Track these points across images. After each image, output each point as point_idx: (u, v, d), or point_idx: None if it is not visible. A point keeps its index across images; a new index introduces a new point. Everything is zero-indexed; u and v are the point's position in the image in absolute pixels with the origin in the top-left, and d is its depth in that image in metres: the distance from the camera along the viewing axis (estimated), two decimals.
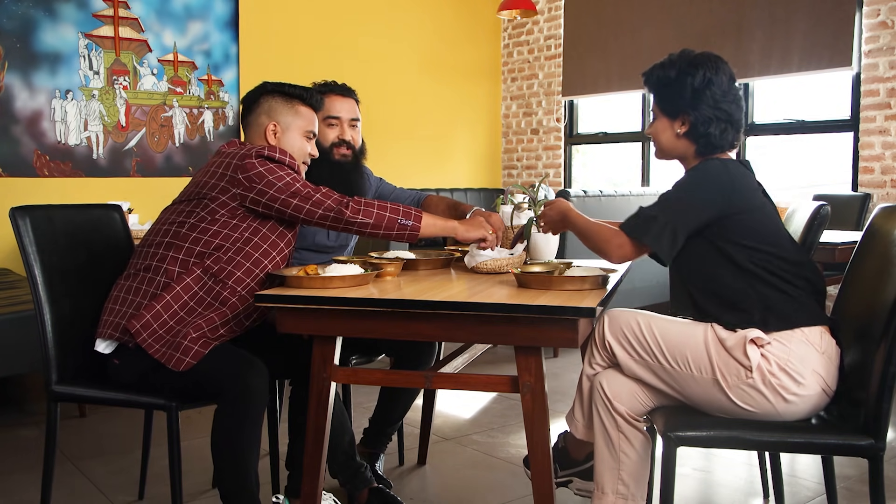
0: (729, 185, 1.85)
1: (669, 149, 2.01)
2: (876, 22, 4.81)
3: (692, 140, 1.96)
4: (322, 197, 2.04)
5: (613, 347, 1.94)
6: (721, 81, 1.93)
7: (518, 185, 3.33)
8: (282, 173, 2.05)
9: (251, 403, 1.91)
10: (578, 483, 2.20)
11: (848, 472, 2.67)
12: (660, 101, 2.00)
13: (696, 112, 1.92)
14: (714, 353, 1.81)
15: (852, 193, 4.85)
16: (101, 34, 4.78)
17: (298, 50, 5.66)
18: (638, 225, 1.86)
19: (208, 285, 2.01)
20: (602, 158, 6.77)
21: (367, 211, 2.04)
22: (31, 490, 2.53)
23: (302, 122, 2.22)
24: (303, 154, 2.23)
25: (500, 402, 3.58)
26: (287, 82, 2.25)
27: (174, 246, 2.04)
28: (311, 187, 2.06)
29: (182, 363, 1.92)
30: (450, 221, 2.18)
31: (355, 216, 2.03)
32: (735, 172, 1.88)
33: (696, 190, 1.87)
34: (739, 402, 1.79)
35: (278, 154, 2.10)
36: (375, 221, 2.05)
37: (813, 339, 1.80)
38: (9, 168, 4.48)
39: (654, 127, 2.02)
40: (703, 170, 1.90)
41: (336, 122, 2.51)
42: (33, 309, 2.15)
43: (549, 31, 6.67)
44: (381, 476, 2.56)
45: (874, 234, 1.91)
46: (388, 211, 2.06)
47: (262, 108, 2.21)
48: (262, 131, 2.20)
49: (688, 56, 1.96)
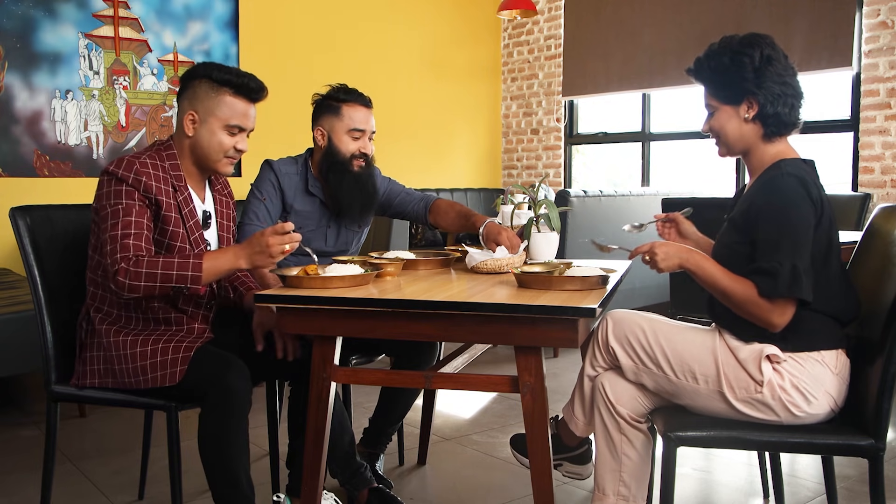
0: (808, 195, 1.75)
1: (737, 139, 1.88)
2: (876, 22, 4.81)
3: (761, 123, 1.84)
4: (114, 248, 1.87)
5: (616, 352, 1.93)
6: (779, 56, 1.85)
7: (518, 185, 3.33)
8: (114, 201, 1.90)
9: (234, 404, 1.88)
10: (568, 466, 2.21)
11: (848, 472, 2.67)
12: (718, 90, 1.87)
13: (763, 91, 1.82)
14: (722, 362, 1.80)
15: (852, 193, 4.85)
16: (101, 34, 4.78)
17: (298, 50, 5.66)
18: (787, 283, 1.71)
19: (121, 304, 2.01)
20: (602, 158, 6.76)
21: (132, 286, 1.85)
22: (31, 490, 2.53)
23: (224, 112, 2.00)
24: (220, 150, 2.03)
25: (500, 402, 3.58)
26: (226, 66, 2.04)
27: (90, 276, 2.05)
28: (119, 230, 1.88)
29: (175, 375, 1.92)
30: (234, 262, 1.91)
31: (120, 291, 1.86)
32: (805, 180, 1.77)
33: (796, 220, 1.73)
34: (744, 411, 1.79)
35: (122, 170, 1.92)
36: (145, 293, 1.87)
37: (829, 361, 1.78)
38: (9, 168, 4.48)
39: (717, 120, 1.89)
40: (784, 193, 1.76)
41: (360, 136, 2.53)
42: (33, 309, 2.15)
43: (549, 31, 6.67)
44: (381, 476, 2.56)
45: (874, 234, 1.91)
46: (158, 280, 1.86)
47: (188, 94, 2.02)
48: (182, 120, 2.02)
49: (735, 39, 1.87)
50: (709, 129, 1.93)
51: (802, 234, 1.73)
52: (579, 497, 2.53)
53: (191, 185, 2.08)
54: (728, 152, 1.93)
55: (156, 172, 1.97)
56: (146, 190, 1.94)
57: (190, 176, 2.08)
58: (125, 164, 1.93)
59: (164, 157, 2.02)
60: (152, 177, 1.96)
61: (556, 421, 2.21)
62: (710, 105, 1.91)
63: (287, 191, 2.53)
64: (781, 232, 1.73)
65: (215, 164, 2.06)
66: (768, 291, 1.72)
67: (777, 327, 1.75)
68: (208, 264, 1.89)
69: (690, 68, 1.94)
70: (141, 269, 1.85)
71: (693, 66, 1.93)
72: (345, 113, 2.51)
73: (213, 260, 1.90)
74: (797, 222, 1.73)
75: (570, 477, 2.23)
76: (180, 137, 2.06)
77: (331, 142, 2.52)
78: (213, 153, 2.04)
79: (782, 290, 1.71)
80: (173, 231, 1.99)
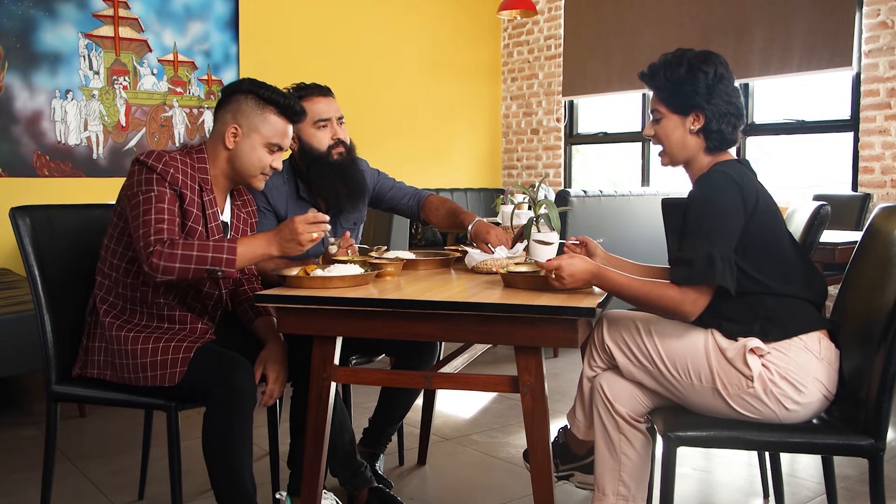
0: (737, 188, 1.80)
1: (680, 148, 1.93)
2: (876, 22, 4.81)
3: (704, 136, 1.90)
4: (147, 231, 1.88)
5: (613, 351, 1.93)
6: (730, 77, 1.91)
7: (518, 185, 3.33)
8: (145, 188, 1.93)
9: (239, 404, 1.88)
10: (580, 477, 2.20)
11: (848, 472, 2.67)
12: (669, 99, 1.92)
13: (712, 106, 1.88)
14: (714, 361, 1.81)
15: (852, 193, 4.85)
16: (101, 34, 4.78)
17: (298, 50, 5.66)
18: (700, 271, 1.74)
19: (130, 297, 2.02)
20: (602, 158, 6.77)
21: (167, 267, 1.85)
22: (31, 490, 2.53)
23: (267, 131, 2.05)
24: (259, 166, 2.07)
25: (500, 402, 3.58)
26: (271, 85, 2.09)
27: (105, 265, 2.05)
28: (152, 215, 1.90)
29: (175, 376, 1.92)
30: (266, 248, 1.94)
31: (154, 272, 1.85)
32: (735, 175, 1.84)
33: (720, 208, 1.79)
34: (740, 410, 1.79)
35: (152, 160, 1.95)
36: (179, 276, 1.87)
37: (812, 347, 1.79)
38: (9, 168, 4.48)
39: (663, 127, 1.94)
40: (709, 187, 1.83)
41: (326, 124, 2.47)
42: (33, 309, 2.15)
43: (549, 31, 6.67)
44: (381, 476, 2.56)
45: (874, 234, 1.91)
46: (193, 262, 1.87)
47: (231, 107, 2.07)
48: (222, 131, 2.06)
49: (691, 53, 1.92)
50: (653, 135, 1.98)
51: (727, 222, 1.77)
52: (579, 497, 2.53)
53: (215, 191, 2.11)
54: (671, 161, 1.98)
55: (184, 168, 2.01)
56: (173, 181, 1.97)
57: (216, 184, 2.10)
58: (155, 155, 1.97)
59: (195, 160, 2.06)
60: (180, 171, 1.99)
61: (564, 430, 2.21)
62: (656, 111, 1.96)
63: (278, 204, 2.48)
64: (703, 221, 1.79)
65: (251, 178, 2.10)
66: (680, 280, 1.77)
67: (690, 315, 1.77)
68: (242, 249, 1.92)
69: (644, 73, 1.99)
70: (176, 251, 1.87)
71: (647, 71, 1.98)
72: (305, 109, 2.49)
73: (246, 245, 1.93)
74: (720, 210, 1.78)
75: (582, 488, 2.21)
76: (216, 147, 2.08)
77: (301, 142, 2.48)
78: (252, 168, 2.08)
79: (694, 278, 1.75)
80: (191, 227, 2.01)
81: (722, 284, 1.74)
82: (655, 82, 1.95)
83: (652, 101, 1.99)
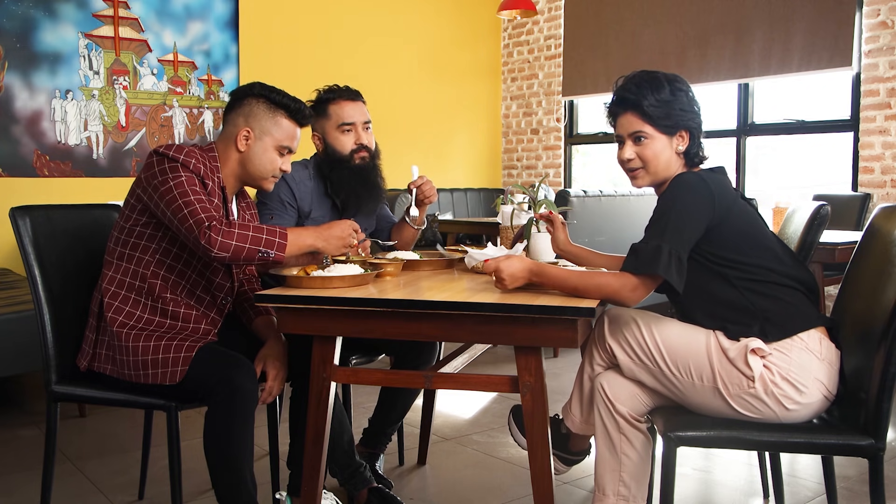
0: (708, 191, 1.82)
1: (665, 168, 1.93)
2: (876, 22, 4.81)
3: (684, 156, 1.95)
4: (194, 210, 1.90)
5: (614, 349, 1.93)
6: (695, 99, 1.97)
7: (518, 185, 3.33)
8: (172, 175, 1.94)
9: (241, 404, 1.89)
10: (556, 463, 2.20)
11: (848, 472, 2.67)
12: (660, 119, 1.90)
13: (694, 124, 1.93)
14: (716, 361, 1.81)
15: (852, 193, 4.85)
16: (101, 34, 4.78)
17: (298, 50, 5.66)
18: (643, 260, 1.77)
19: (138, 289, 2.03)
20: (602, 158, 6.76)
21: (224, 244, 1.87)
22: (31, 490, 2.53)
23: (279, 134, 2.09)
24: (271, 169, 2.10)
25: (500, 402, 3.58)
26: (280, 89, 2.12)
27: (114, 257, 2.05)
28: (191, 196, 1.92)
29: (176, 375, 1.92)
30: (314, 241, 2.00)
31: (210, 247, 1.86)
32: (709, 179, 1.86)
33: (682, 206, 1.80)
34: (741, 410, 1.80)
35: (173, 152, 1.97)
36: (233, 255, 1.89)
37: (812, 346, 1.79)
38: (9, 168, 4.48)
39: (650, 148, 1.92)
40: (678, 185, 1.85)
41: (351, 128, 2.49)
42: (33, 309, 2.15)
43: (549, 31, 6.67)
44: (381, 476, 2.56)
45: (874, 234, 1.91)
46: (248, 241, 1.89)
47: (243, 110, 2.09)
48: (234, 133, 2.08)
49: (660, 74, 1.94)
50: (636, 158, 1.95)
51: (686, 222, 1.79)
52: (579, 497, 2.53)
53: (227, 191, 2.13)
54: (651, 181, 1.98)
55: (204, 161, 2.03)
56: (195, 170, 1.99)
57: (226, 184, 2.11)
58: (175, 147, 1.99)
59: (208, 158, 2.07)
60: (201, 162, 2.02)
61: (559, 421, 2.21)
62: (640, 133, 1.92)
63: (304, 199, 2.49)
64: (662, 215, 1.82)
65: (261, 180, 2.12)
66: (626, 267, 1.80)
67: (630, 302, 1.81)
68: (293, 237, 1.95)
69: (626, 96, 1.93)
70: (233, 230, 1.89)
71: (631, 93, 1.92)
72: (331, 111, 2.50)
73: (296, 234, 1.97)
74: (682, 210, 1.80)
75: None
76: (227, 149, 2.10)
77: (326, 143, 2.51)
78: (263, 170, 2.10)
79: (639, 267, 1.78)
80: None
81: (665, 278, 1.76)
82: (644, 104, 1.91)
83: (627, 123, 1.94)
